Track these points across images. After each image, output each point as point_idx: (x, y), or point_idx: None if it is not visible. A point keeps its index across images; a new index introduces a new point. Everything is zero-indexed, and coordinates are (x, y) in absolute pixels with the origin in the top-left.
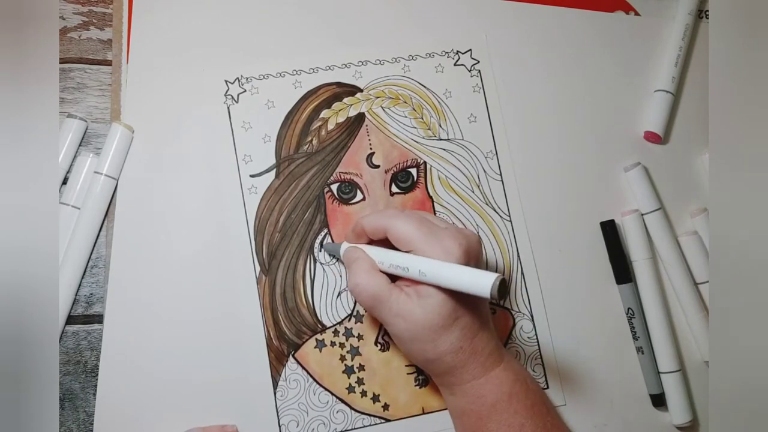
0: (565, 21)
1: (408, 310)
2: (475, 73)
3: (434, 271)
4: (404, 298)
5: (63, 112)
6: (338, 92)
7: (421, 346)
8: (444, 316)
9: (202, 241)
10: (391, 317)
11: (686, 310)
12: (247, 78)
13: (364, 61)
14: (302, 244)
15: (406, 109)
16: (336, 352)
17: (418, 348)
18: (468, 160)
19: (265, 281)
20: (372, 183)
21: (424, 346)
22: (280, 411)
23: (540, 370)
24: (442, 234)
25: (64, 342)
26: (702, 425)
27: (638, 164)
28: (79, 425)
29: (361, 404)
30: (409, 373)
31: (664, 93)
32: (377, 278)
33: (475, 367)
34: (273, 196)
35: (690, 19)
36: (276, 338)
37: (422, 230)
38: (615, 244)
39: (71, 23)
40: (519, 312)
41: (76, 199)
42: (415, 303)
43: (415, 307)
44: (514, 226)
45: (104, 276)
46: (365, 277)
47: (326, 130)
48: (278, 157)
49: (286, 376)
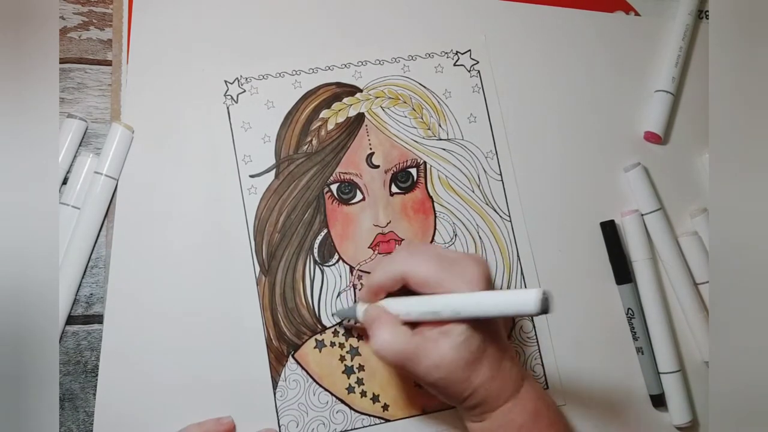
0: (565, 21)
1: (439, 357)
2: (474, 73)
3: (469, 305)
4: (431, 346)
5: (63, 112)
6: (338, 92)
7: (457, 388)
8: (473, 350)
9: (201, 242)
10: (423, 369)
11: (686, 310)
12: (246, 78)
13: (363, 61)
14: (302, 245)
15: (406, 109)
16: (336, 353)
17: (454, 391)
18: (468, 160)
19: (264, 282)
20: (372, 183)
21: (460, 386)
22: (279, 411)
23: (540, 371)
24: (459, 265)
25: (64, 342)
26: (702, 425)
27: (638, 164)
28: (79, 425)
29: (361, 404)
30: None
31: (664, 93)
32: (401, 335)
33: (505, 391)
34: (273, 196)
35: (690, 19)
36: (276, 338)
37: (441, 266)
38: (615, 244)
39: (71, 23)
40: None
41: (76, 199)
42: (445, 346)
43: (446, 350)
44: (514, 226)
45: (104, 276)
46: (387, 337)
47: (326, 130)
48: (278, 157)
49: (286, 377)
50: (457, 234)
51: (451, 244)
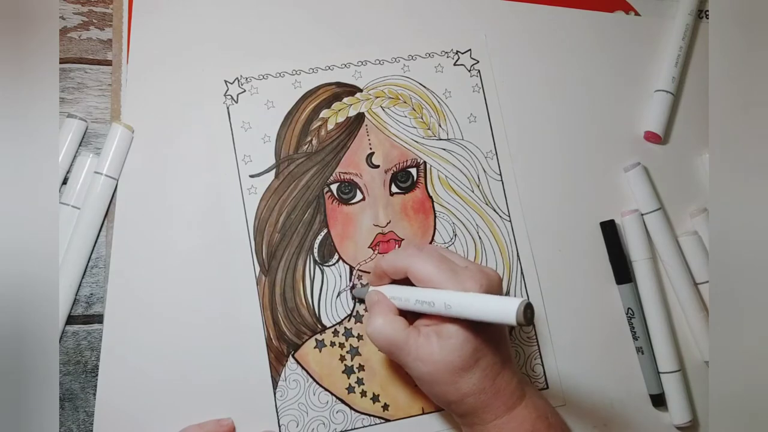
0: (565, 21)
1: (427, 353)
2: (474, 73)
3: (460, 302)
4: (423, 341)
5: (63, 112)
6: (338, 92)
7: (442, 388)
8: (465, 357)
9: (201, 242)
10: (411, 361)
11: (686, 310)
12: (246, 78)
13: (363, 61)
14: (302, 245)
15: (406, 109)
16: (336, 353)
17: (440, 390)
18: (468, 160)
19: (264, 281)
20: (372, 183)
21: (445, 388)
22: (279, 411)
23: (540, 370)
24: (462, 274)
25: (64, 342)
26: (702, 425)
27: (638, 164)
28: (79, 425)
29: (361, 404)
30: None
31: (664, 93)
32: (394, 323)
33: (498, 406)
34: (273, 196)
35: (690, 19)
36: (276, 338)
37: (442, 270)
38: (615, 244)
39: (71, 23)
40: None
41: (76, 199)
42: (435, 345)
43: (435, 349)
44: (514, 226)
45: (104, 276)
46: (381, 322)
47: (326, 130)
48: (278, 157)
49: (286, 377)
50: (456, 234)
51: (451, 244)
